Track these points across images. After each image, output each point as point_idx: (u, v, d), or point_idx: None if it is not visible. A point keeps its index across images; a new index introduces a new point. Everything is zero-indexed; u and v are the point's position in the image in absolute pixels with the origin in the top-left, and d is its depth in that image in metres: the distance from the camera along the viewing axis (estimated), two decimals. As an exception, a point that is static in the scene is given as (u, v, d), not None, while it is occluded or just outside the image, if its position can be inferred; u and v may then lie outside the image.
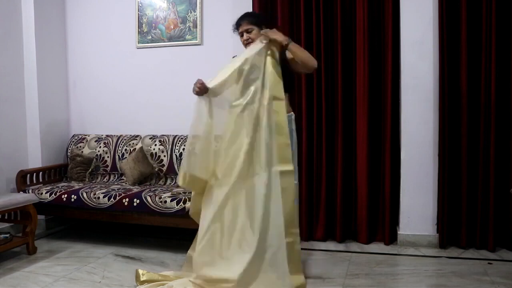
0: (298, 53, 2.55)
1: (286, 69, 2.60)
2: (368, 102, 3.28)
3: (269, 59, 2.48)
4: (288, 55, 2.63)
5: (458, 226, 3.15)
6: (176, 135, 3.77)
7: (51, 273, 2.82)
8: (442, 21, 3.06)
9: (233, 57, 2.75)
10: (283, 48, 2.54)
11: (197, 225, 2.80)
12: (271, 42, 2.50)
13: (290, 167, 2.45)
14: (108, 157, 3.90)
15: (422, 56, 3.15)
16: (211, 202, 2.50)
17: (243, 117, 2.48)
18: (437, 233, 3.18)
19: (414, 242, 3.22)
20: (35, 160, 3.87)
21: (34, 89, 3.84)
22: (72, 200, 3.31)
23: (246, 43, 2.66)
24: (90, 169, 3.91)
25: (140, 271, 2.57)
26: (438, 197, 3.14)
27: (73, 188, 3.44)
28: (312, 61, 2.60)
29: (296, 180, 2.67)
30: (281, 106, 2.48)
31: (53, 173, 3.90)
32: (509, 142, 3.03)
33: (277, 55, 2.52)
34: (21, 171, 3.59)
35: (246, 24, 2.65)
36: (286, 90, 2.66)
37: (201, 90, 2.49)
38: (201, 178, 2.53)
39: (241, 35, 2.68)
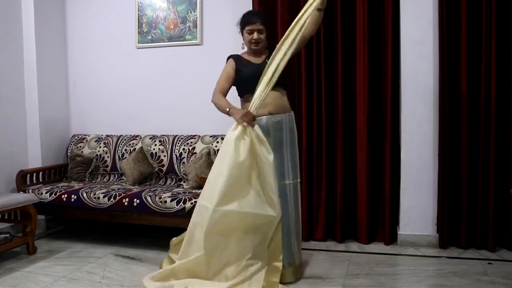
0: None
1: (285, 67, 2.59)
2: (368, 102, 3.27)
3: (254, 141, 2.42)
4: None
5: (458, 226, 3.14)
6: (176, 135, 3.77)
7: (51, 273, 2.83)
8: (442, 21, 3.06)
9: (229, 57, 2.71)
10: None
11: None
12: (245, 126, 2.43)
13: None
14: (108, 157, 3.90)
15: (422, 56, 3.15)
16: None
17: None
18: (437, 233, 3.18)
19: (414, 242, 3.21)
20: (35, 160, 3.87)
21: (34, 89, 3.84)
22: (72, 200, 3.31)
23: (254, 43, 2.58)
24: (90, 169, 3.91)
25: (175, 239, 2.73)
26: (438, 197, 3.14)
27: (73, 188, 3.44)
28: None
29: (298, 178, 2.68)
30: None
31: (53, 173, 3.90)
32: (509, 142, 3.03)
33: (256, 133, 2.44)
34: (21, 171, 3.59)
35: (260, 24, 2.59)
36: (286, 87, 2.67)
37: (251, 119, 2.42)
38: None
39: (250, 33, 2.59)
